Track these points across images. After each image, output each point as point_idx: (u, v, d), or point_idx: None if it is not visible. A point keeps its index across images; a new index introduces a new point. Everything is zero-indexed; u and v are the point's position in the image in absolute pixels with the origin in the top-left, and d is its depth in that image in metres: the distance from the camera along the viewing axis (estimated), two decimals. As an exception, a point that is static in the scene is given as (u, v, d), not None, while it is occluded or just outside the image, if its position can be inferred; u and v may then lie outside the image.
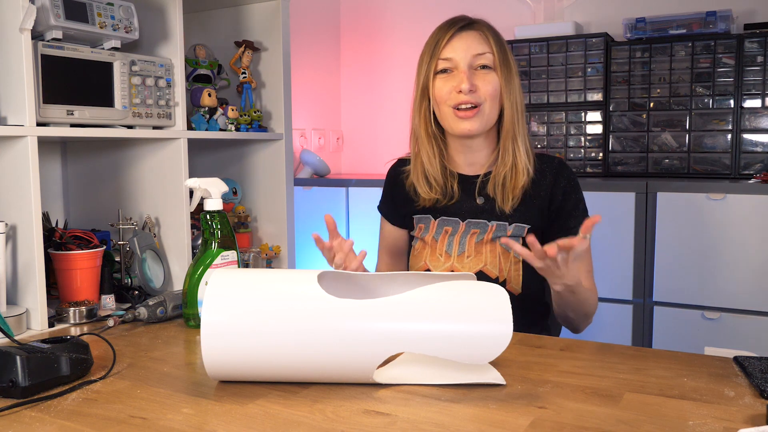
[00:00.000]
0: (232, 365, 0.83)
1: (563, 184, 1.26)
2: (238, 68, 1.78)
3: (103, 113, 1.34)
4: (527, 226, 1.24)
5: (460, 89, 1.19)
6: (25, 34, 1.15)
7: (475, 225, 1.27)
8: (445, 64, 1.22)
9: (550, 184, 1.26)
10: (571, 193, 1.26)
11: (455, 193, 1.29)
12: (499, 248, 1.25)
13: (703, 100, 2.25)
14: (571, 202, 1.26)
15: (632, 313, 2.11)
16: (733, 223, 1.97)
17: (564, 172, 1.27)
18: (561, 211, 1.25)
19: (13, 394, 0.82)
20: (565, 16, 2.71)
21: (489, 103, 1.22)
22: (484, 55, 1.21)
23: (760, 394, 0.81)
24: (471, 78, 1.20)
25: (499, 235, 1.25)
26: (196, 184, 1.21)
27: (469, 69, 1.21)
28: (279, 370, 0.84)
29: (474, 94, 1.20)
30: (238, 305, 0.83)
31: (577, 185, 1.28)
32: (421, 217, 1.32)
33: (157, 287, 1.46)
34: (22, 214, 1.19)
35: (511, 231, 1.24)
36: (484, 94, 1.21)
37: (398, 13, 3.09)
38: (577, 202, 1.27)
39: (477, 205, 1.28)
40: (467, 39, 1.22)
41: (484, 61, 1.22)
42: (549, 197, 1.25)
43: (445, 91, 1.22)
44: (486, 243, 1.25)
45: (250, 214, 1.87)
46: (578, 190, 1.28)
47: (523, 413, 0.77)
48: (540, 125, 2.49)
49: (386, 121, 3.13)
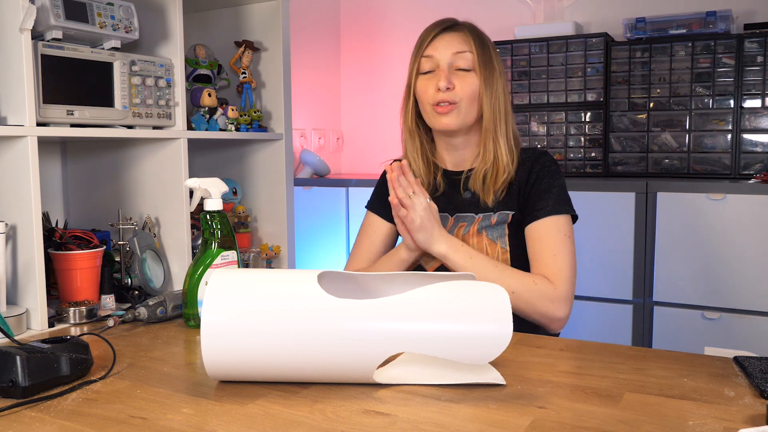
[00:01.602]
0: (232, 365, 0.83)
1: (537, 168, 1.28)
2: (238, 68, 1.78)
3: (103, 113, 1.34)
4: (511, 212, 1.27)
5: (438, 87, 1.24)
6: (25, 34, 1.15)
7: (463, 218, 1.31)
8: (428, 63, 1.27)
9: (527, 171, 1.29)
10: (544, 177, 1.27)
11: (440, 186, 1.33)
12: (486, 240, 1.27)
13: (703, 100, 2.25)
14: (543, 184, 1.26)
15: (632, 313, 2.11)
16: (733, 223, 1.97)
17: (541, 159, 1.30)
18: (530, 193, 1.27)
19: (13, 394, 0.82)
20: (565, 16, 2.71)
21: (466, 102, 1.25)
22: (463, 54, 1.25)
23: (760, 394, 0.81)
24: (449, 77, 1.25)
25: (485, 224, 1.27)
26: (196, 184, 1.21)
27: (449, 68, 1.26)
28: (279, 370, 0.84)
29: (451, 92, 1.25)
30: (238, 305, 0.83)
31: (554, 172, 1.28)
32: None
33: (157, 287, 1.46)
34: (22, 214, 1.19)
35: (496, 218, 1.27)
36: (461, 93, 1.25)
37: (398, 13, 3.09)
38: (550, 186, 1.26)
39: (464, 199, 1.31)
40: (449, 39, 1.27)
41: (463, 61, 1.25)
42: (525, 181, 1.28)
43: (427, 89, 1.27)
44: (473, 235, 1.28)
45: (250, 214, 1.87)
46: (554, 176, 1.27)
47: (523, 413, 0.77)
48: (540, 125, 2.49)
49: (386, 121, 3.13)
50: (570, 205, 1.27)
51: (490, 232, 1.27)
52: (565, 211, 1.25)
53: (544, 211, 1.24)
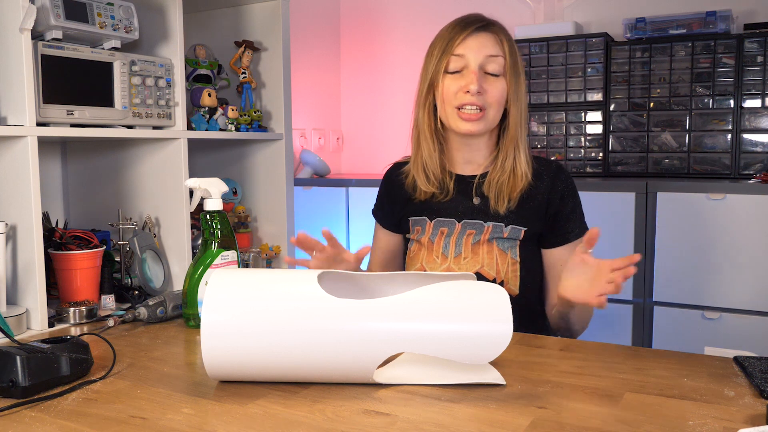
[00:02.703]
0: (232, 365, 0.83)
1: (561, 188, 1.26)
2: (238, 68, 1.78)
3: (103, 113, 1.34)
4: (524, 229, 1.24)
5: (468, 89, 1.18)
6: (25, 34, 1.15)
7: (471, 225, 1.26)
8: (457, 62, 1.21)
9: (547, 188, 1.25)
10: (569, 198, 1.26)
11: (450, 190, 1.29)
12: (496, 249, 1.24)
13: (703, 100, 2.25)
14: (568, 206, 1.26)
15: (632, 313, 2.11)
16: (733, 223, 1.97)
17: (561, 175, 1.27)
18: (559, 215, 1.25)
19: (13, 394, 0.82)
20: (565, 16, 2.71)
21: (494, 108, 1.21)
22: (496, 58, 1.20)
23: (760, 394, 0.81)
24: (481, 80, 1.19)
25: (495, 236, 1.24)
26: (196, 184, 1.21)
27: (480, 70, 1.20)
28: (279, 370, 0.84)
29: (481, 97, 1.19)
30: (238, 305, 0.83)
31: (575, 189, 1.28)
32: (417, 219, 1.31)
33: (157, 287, 1.46)
34: (22, 214, 1.19)
35: (508, 233, 1.24)
36: (491, 98, 1.20)
37: (398, 13, 3.09)
38: (575, 206, 1.27)
39: (473, 205, 1.27)
40: (482, 39, 1.21)
41: (495, 65, 1.20)
42: (546, 201, 1.25)
43: (453, 90, 1.21)
44: (483, 244, 1.25)
45: (250, 214, 1.87)
46: (575, 195, 1.28)
47: (523, 413, 0.77)
48: (540, 125, 2.49)
49: (386, 121, 3.13)
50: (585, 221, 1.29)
51: (500, 243, 1.24)
52: (587, 230, 1.25)
53: (574, 234, 1.24)
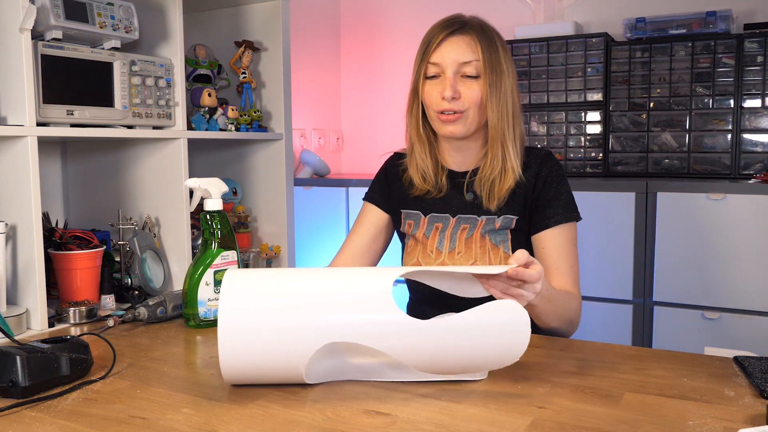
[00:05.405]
0: (249, 372, 0.83)
1: (545, 173, 1.27)
2: (238, 68, 1.78)
3: (103, 113, 1.34)
4: (515, 217, 1.26)
5: (444, 96, 1.21)
6: (25, 34, 1.15)
7: (465, 220, 1.29)
8: (433, 69, 1.24)
9: (533, 175, 1.27)
10: (552, 183, 1.26)
11: (444, 187, 1.31)
12: (488, 243, 1.26)
13: (703, 100, 2.25)
14: (551, 191, 1.26)
15: (632, 313, 2.11)
16: (733, 223, 1.97)
17: (548, 162, 1.28)
18: (539, 199, 1.26)
19: (13, 394, 0.82)
20: (565, 16, 2.71)
21: (473, 109, 1.23)
22: (470, 63, 1.22)
23: (760, 394, 0.81)
24: (455, 85, 1.22)
25: (488, 228, 1.26)
26: (196, 184, 1.21)
27: (455, 75, 1.22)
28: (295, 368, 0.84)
29: (457, 102, 1.22)
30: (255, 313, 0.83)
31: (561, 176, 1.28)
32: (410, 213, 1.33)
33: (157, 287, 1.46)
34: (22, 214, 1.19)
35: (500, 223, 1.26)
36: (469, 101, 1.22)
37: (398, 13, 3.09)
38: (559, 193, 1.26)
39: (466, 201, 1.29)
40: (456, 44, 1.23)
41: (469, 68, 1.22)
42: (532, 186, 1.26)
43: (433, 95, 1.24)
44: (476, 239, 1.27)
45: (250, 214, 1.87)
46: (561, 182, 1.27)
47: (523, 413, 0.77)
48: (540, 125, 2.49)
49: (386, 121, 3.13)
50: (577, 210, 1.27)
51: (492, 237, 1.26)
52: (574, 218, 1.25)
53: (555, 220, 1.24)
